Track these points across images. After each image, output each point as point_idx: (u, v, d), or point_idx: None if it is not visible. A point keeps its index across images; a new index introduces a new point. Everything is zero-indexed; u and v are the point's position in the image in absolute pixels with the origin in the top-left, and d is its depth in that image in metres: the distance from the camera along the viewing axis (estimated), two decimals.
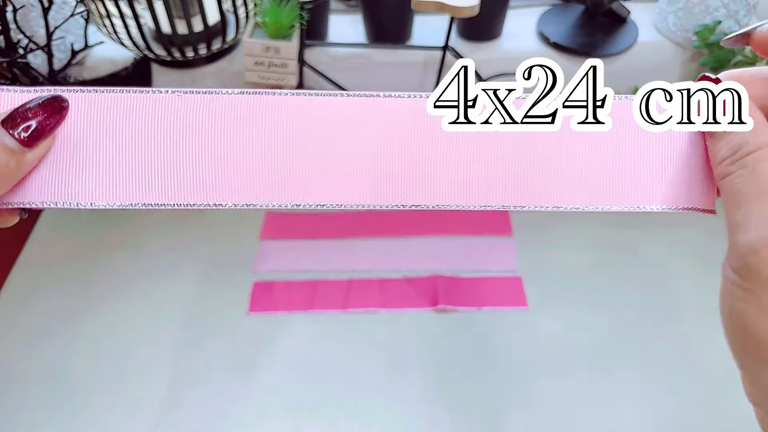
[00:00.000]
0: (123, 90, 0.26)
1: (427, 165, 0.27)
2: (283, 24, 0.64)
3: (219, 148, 0.26)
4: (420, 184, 0.27)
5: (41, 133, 0.24)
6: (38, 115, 0.24)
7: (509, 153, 0.28)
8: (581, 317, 0.64)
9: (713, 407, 0.57)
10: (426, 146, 0.27)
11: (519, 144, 0.28)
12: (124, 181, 0.25)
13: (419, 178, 0.27)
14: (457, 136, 0.28)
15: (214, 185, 0.26)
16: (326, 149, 0.26)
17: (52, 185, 0.25)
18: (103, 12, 0.63)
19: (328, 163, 0.26)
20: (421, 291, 0.68)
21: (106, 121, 0.25)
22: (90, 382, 0.61)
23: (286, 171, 0.26)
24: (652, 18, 0.79)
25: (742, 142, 0.24)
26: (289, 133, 0.27)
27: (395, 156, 0.27)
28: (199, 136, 0.26)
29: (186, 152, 0.26)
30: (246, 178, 0.26)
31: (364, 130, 0.27)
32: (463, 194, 0.27)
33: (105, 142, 0.25)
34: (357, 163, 0.26)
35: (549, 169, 0.28)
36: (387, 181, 0.26)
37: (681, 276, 0.68)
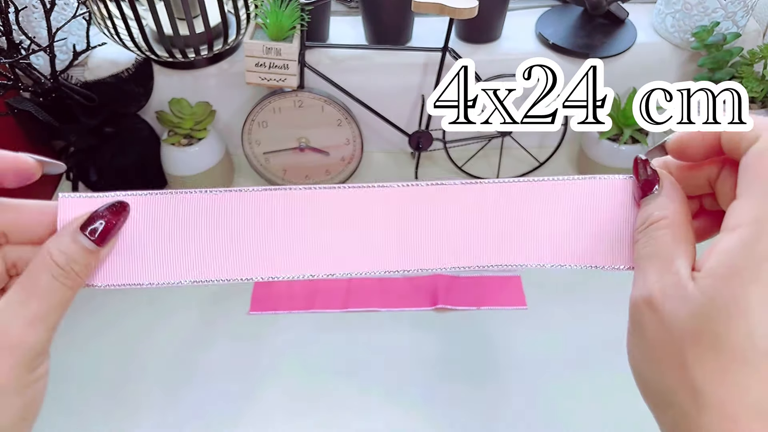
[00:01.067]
0: (169, 192, 0.32)
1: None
2: (284, 25, 0.65)
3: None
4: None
5: (110, 234, 0.29)
6: (106, 218, 0.29)
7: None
8: (581, 317, 0.64)
9: None
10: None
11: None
12: (176, 262, 0.32)
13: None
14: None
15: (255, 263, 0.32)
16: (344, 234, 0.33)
17: (118, 270, 0.32)
18: (105, 13, 0.63)
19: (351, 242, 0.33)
20: (421, 290, 0.68)
21: (155, 216, 0.32)
22: (89, 383, 0.61)
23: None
24: (651, 19, 0.79)
25: (649, 214, 0.27)
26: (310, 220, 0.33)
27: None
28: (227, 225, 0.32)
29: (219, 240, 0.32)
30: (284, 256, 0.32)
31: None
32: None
33: (152, 232, 0.31)
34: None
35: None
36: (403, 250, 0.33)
37: None
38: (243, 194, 0.32)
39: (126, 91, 0.73)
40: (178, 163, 0.75)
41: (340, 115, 0.74)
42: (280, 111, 0.74)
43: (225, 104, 0.79)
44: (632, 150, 0.73)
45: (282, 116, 0.74)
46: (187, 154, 0.74)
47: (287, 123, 0.75)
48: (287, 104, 0.73)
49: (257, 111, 0.73)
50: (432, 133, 0.77)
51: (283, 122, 0.75)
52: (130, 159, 0.76)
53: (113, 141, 0.74)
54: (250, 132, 0.75)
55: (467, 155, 0.82)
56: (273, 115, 0.74)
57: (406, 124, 0.80)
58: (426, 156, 0.85)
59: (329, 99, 0.72)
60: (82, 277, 0.28)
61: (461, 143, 0.80)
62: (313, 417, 0.57)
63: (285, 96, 0.72)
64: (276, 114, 0.74)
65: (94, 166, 0.74)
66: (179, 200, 0.32)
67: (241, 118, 0.75)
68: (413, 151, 0.80)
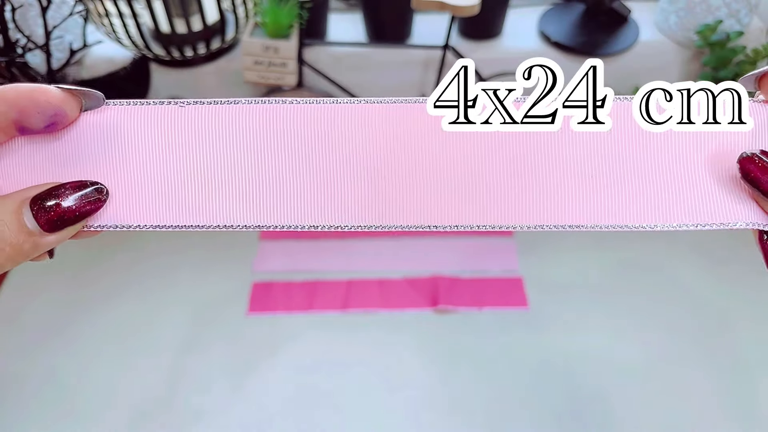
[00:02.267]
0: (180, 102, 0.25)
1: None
2: (283, 23, 0.64)
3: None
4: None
5: (66, 222, 0.22)
6: (68, 200, 0.22)
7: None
8: (582, 318, 0.64)
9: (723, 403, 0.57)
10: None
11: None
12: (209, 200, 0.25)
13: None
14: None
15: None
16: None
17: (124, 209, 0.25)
18: (102, 11, 0.63)
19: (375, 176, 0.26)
20: (422, 291, 0.67)
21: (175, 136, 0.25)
22: (90, 383, 0.60)
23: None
24: (654, 17, 0.78)
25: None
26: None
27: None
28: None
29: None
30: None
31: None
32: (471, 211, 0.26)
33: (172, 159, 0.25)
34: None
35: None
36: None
37: (681, 276, 0.68)
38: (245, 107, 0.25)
39: (123, 90, 0.73)
40: None
41: None
42: None
43: None
44: None
45: None
46: None
47: None
48: None
49: None
50: None
51: None
52: None
53: None
54: None
55: None
56: None
57: None
58: None
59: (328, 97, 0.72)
60: (14, 259, 0.21)
61: None
62: (312, 417, 0.57)
63: (284, 94, 0.71)
64: None
65: None
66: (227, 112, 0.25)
67: None
68: None
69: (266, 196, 0.25)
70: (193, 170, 0.25)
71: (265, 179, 0.25)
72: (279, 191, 0.25)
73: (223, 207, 0.25)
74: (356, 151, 0.26)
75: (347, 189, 0.25)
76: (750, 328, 0.63)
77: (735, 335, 0.62)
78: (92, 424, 0.57)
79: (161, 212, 0.24)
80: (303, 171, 0.25)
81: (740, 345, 0.61)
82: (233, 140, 0.25)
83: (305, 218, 0.25)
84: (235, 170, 0.25)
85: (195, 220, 0.25)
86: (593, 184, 0.27)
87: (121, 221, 0.24)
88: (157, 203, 0.25)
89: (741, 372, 0.59)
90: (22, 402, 0.59)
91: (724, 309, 0.65)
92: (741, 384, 0.58)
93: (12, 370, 0.62)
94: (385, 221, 0.25)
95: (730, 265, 0.69)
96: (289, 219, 0.25)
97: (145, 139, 0.25)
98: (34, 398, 0.59)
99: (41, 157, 0.24)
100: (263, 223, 0.25)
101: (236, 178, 0.25)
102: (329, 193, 0.25)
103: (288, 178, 0.25)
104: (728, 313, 0.64)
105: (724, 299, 0.65)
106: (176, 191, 0.25)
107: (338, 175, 0.25)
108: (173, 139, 0.25)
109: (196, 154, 0.25)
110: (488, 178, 0.26)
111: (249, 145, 0.25)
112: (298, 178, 0.25)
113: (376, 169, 0.26)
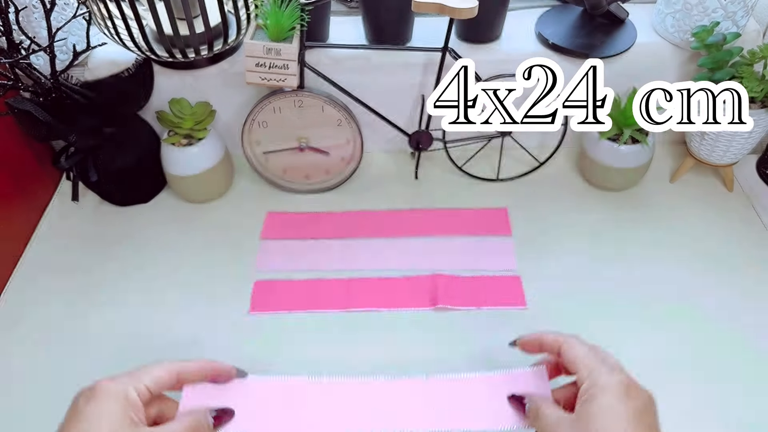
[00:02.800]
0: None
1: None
2: (284, 26, 0.65)
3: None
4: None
5: (221, 422, 0.45)
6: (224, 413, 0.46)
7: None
8: (580, 317, 0.64)
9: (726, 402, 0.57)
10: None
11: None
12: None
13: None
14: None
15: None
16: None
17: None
18: (105, 13, 0.63)
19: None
20: (421, 290, 0.68)
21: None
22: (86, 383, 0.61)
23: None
24: (651, 19, 0.79)
25: (532, 407, 0.44)
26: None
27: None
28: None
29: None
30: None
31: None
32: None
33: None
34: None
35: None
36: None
37: (679, 270, 0.69)
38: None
39: (126, 91, 0.73)
40: (178, 163, 0.75)
41: (340, 115, 0.74)
42: (280, 111, 0.74)
43: (225, 104, 0.79)
44: (632, 150, 0.73)
45: (282, 116, 0.74)
46: (187, 154, 0.74)
47: (287, 123, 0.75)
48: (287, 104, 0.73)
49: (257, 111, 0.73)
50: (432, 133, 0.77)
51: (283, 122, 0.75)
52: (130, 159, 0.76)
53: (113, 141, 0.74)
54: (250, 132, 0.76)
55: (467, 155, 0.82)
56: (273, 115, 0.74)
57: (406, 124, 0.80)
58: (426, 156, 0.85)
59: (329, 99, 0.72)
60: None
61: (461, 143, 0.80)
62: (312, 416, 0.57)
63: (285, 96, 0.72)
64: (276, 114, 0.74)
65: (95, 166, 0.74)
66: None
67: (241, 118, 0.75)
68: (413, 151, 0.80)
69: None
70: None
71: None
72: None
73: None
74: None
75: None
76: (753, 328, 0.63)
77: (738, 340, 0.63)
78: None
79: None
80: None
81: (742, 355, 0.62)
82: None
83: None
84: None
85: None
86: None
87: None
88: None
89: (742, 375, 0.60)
90: (24, 400, 0.60)
91: (724, 309, 0.65)
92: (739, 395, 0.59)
93: (13, 367, 0.62)
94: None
95: (732, 267, 0.70)
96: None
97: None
98: (36, 396, 0.60)
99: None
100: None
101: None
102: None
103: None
104: (730, 317, 0.65)
105: (724, 299, 0.66)
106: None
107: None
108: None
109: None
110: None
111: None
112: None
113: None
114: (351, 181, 0.82)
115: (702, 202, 0.78)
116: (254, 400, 0.48)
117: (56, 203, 0.82)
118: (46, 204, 0.81)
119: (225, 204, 0.81)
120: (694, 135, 0.75)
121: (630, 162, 0.74)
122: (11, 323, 0.67)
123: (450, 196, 0.80)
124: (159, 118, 0.75)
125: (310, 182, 0.81)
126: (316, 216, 0.78)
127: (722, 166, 0.77)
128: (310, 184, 0.81)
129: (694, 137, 0.75)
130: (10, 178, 0.74)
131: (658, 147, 0.84)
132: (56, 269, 0.73)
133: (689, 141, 0.77)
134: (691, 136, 0.77)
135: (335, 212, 0.78)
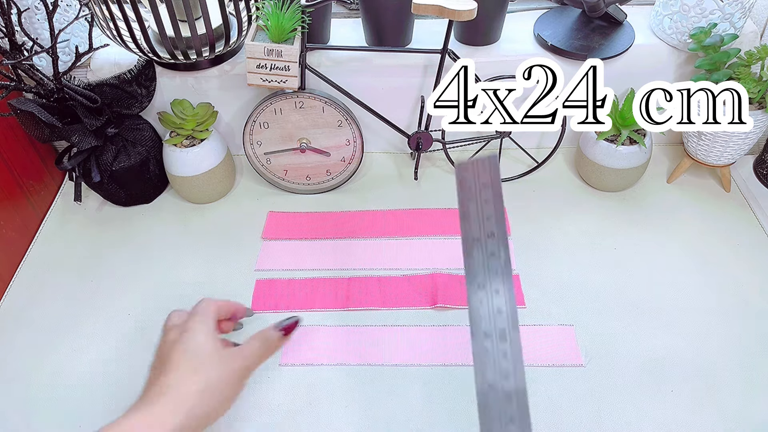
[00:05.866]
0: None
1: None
2: (285, 28, 0.65)
3: None
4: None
5: (289, 332, 0.52)
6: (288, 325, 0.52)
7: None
8: (579, 316, 0.65)
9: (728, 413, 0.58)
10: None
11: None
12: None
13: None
14: None
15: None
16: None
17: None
18: (108, 15, 0.64)
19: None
20: (420, 289, 0.68)
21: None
22: (92, 383, 0.61)
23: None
24: (648, 21, 0.80)
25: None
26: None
27: None
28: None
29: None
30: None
31: None
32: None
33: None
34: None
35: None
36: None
37: (676, 270, 0.69)
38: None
39: (128, 92, 0.74)
40: (180, 164, 0.75)
41: (340, 116, 0.75)
42: (281, 112, 0.74)
43: (227, 105, 0.80)
44: (630, 151, 0.73)
45: (283, 117, 0.75)
46: (189, 155, 0.75)
47: (288, 124, 0.75)
48: (288, 105, 0.73)
49: (258, 112, 0.74)
50: (432, 134, 0.78)
51: (284, 123, 0.75)
52: (133, 160, 0.76)
53: (116, 142, 0.75)
54: (252, 133, 0.76)
55: (467, 156, 0.83)
56: (274, 116, 0.74)
57: (406, 125, 0.80)
58: (426, 156, 0.85)
59: (330, 100, 0.73)
60: (273, 349, 0.51)
61: (461, 144, 0.81)
62: (311, 417, 0.58)
63: (286, 97, 0.72)
64: (277, 115, 0.74)
65: (97, 167, 0.75)
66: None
67: (242, 119, 0.76)
68: (413, 151, 0.81)
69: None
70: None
71: None
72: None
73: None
74: None
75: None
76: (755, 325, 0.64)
77: (735, 341, 0.63)
78: (95, 422, 0.58)
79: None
80: None
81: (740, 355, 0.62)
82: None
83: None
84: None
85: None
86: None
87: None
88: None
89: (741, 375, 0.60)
90: (26, 400, 0.60)
91: (721, 309, 0.66)
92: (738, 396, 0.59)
93: (15, 368, 0.63)
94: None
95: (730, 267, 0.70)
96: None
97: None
98: (38, 396, 0.60)
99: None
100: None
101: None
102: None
103: None
104: (727, 317, 0.65)
105: (722, 299, 0.67)
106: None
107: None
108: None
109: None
110: None
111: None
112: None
113: None
114: (351, 182, 0.82)
115: (699, 202, 0.78)
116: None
117: (59, 204, 0.82)
118: (50, 204, 0.82)
119: (227, 204, 0.81)
120: (692, 135, 0.76)
121: (627, 163, 0.75)
122: (15, 321, 0.67)
123: (450, 196, 0.80)
124: (161, 119, 0.75)
125: (311, 183, 0.81)
126: (317, 216, 0.78)
127: (719, 166, 0.77)
128: (310, 185, 0.82)
129: (692, 138, 0.76)
130: (13, 178, 0.75)
131: (656, 148, 0.85)
132: (59, 268, 0.73)
133: (686, 142, 0.78)
134: (688, 137, 0.77)
135: (336, 212, 0.79)
